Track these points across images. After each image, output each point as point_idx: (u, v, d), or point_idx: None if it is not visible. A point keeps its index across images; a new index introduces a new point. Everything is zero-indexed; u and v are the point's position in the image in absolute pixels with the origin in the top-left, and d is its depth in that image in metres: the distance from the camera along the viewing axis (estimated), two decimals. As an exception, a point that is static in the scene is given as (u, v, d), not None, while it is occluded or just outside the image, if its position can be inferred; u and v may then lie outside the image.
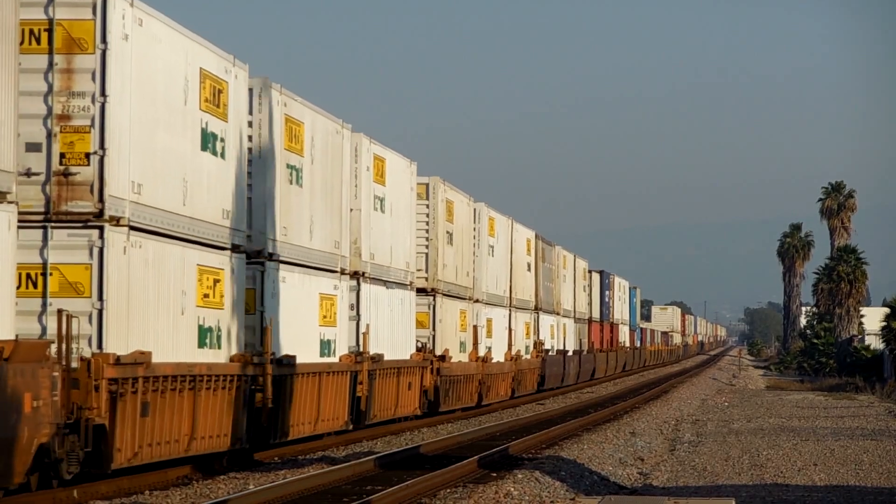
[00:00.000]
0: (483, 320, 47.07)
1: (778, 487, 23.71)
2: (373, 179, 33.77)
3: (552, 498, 21.27)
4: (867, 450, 31.10)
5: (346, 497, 20.94)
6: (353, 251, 32.41)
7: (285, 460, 27.23)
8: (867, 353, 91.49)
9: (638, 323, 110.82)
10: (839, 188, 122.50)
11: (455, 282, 42.42)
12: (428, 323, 40.01)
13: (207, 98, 23.54)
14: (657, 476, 25.71)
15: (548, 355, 60.24)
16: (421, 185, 39.58)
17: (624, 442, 32.97)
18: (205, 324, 23.34)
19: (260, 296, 26.22)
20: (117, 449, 20.03)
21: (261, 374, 25.31)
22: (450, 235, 41.57)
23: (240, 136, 25.09)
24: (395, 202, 35.69)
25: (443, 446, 30.31)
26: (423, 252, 39.84)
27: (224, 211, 24.25)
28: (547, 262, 62.42)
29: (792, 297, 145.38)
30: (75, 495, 20.03)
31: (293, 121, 27.76)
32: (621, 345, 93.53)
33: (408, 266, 36.81)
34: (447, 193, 41.28)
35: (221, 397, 23.72)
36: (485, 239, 47.86)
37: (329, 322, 29.87)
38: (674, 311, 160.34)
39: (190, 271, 22.81)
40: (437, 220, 40.19)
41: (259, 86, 26.32)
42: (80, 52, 20.13)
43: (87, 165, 20.08)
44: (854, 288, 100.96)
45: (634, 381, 79.74)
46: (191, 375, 22.37)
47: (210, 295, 23.55)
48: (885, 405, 52.58)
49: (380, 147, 34.38)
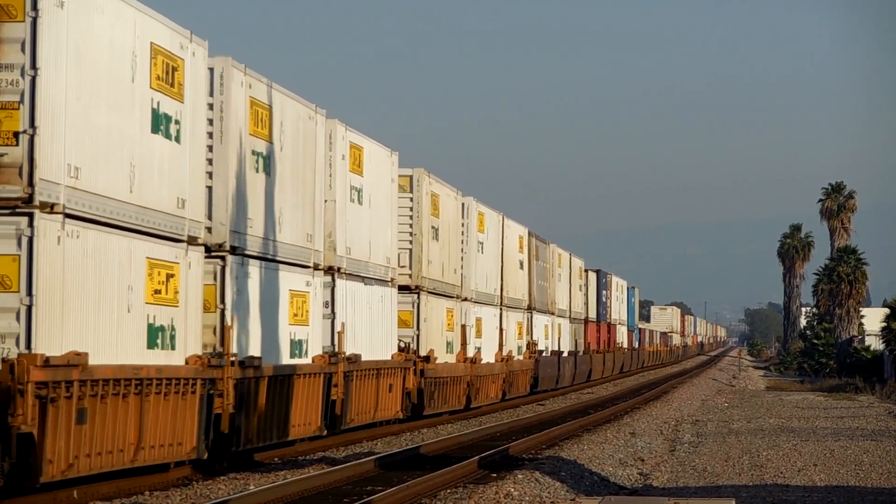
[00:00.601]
0: (472, 320, 44.97)
1: (778, 488, 23.63)
2: (349, 169, 31.57)
3: (552, 498, 21.25)
4: (867, 450, 30.97)
5: (347, 497, 20.96)
6: (328, 245, 30.46)
7: (285, 461, 26.86)
8: (867, 353, 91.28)
9: (636, 323, 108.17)
10: (839, 188, 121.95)
11: (441, 279, 40.33)
12: (412, 322, 37.87)
13: (159, 76, 21.52)
14: (657, 476, 25.65)
15: (541, 356, 58.00)
16: (403, 176, 37.42)
17: (624, 442, 32.77)
18: (156, 322, 21.35)
19: (221, 292, 24.23)
20: (48, 460, 18.02)
21: (221, 377, 23.34)
22: (435, 230, 39.40)
23: (198, 119, 23.09)
24: (375, 194, 33.64)
25: (443, 447, 30.15)
26: (407, 248, 37.68)
27: (179, 200, 22.27)
28: (541, 260, 60.06)
29: (792, 297, 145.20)
30: (75, 495, 19.38)
31: (259, 104, 25.78)
32: (619, 346, 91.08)
33: (388, 261, 34.73)
34: (432, 186, 39.15)
35: (175, 403, 21.74)
36: (474, 235, 45.56)
37: (301, 321, 27.92)
38: (673, 311, 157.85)
39: (138, 265, 20.81)
40: (421, 213, 37.98)
41: (221, 65, 24.34)
42: (8, 21, 18.09)
43: (15, 146, 18.04)
44: (854, 288, 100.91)
45: (634, 382, 79.02)
46: (137, 379, 20.33)
47: (162, 291, 21.58)
48: (885, 406, 52.44)
49: (357, 135, 32.32)
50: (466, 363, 42.94)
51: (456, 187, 42.80)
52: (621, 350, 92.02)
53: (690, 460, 28.77)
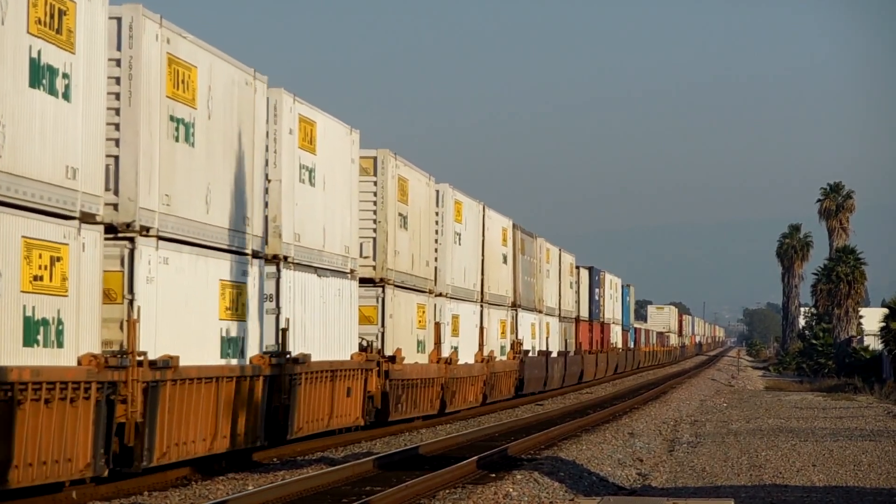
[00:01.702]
0: (448, 317, 41.24)
1: (777, 488, 23.68)
2: (298, 145, 27.90)
3: (551, 499, 21.29)
4: (866, 450, 31.03)
5: (346, 498, 20.92)
6: (272, 230, 26.81)
7: (284, 461, 26.59)
8: (866, 353, 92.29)
9: (631, 323, 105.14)
10: (838, 189, 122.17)
11: (411, 272, 36.58)
12: (376, 318, 34.10)
13: (40, 19, 17.91)
14: (656, 477, 25.70)
15: (527, 356, 54.02)
16: (366, 158, 33.76)
17: (623, 443, 32.80)
18: (35, 315, 17.75)
19: (129, 280, 20.64)
20: None
21: (124, 379, 19.76)
22: (403, 218, 35.75)
23: (96, 74, 19.49)
24: (331, 175, 29.90)
25: (442, 447, 30.09)
26: (370, 236, 34.07)
27: (69, 169, 18.67)
28: (527, 254, 56.20)
29: (791, 297, 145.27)
30: (74, 496, 18.78)
31: (180, 63, 22.18)
32: (613, 346, 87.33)
33: (347, 251, 31.02)
34: (400, 170, 35.34)
35: (61, 412, 18.18)
36: (450, 225, 41.75)
37: (236, 316, 24.31)
38: (670, 310, 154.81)
39: (10, 245, 17.23)
40: (386, 199, 34.32)
41: (130, 14, 20.76)
42: None
43: None
44: (853, 289, 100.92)
45: (633, 382, 78.30)
46: (6, 383, 16.81)
47: (45, 278, 18.00)
48: (883, 406, 52.51)
49: (308, 107, 28.62)
50: (440, 364, 39.28)
51: (428, 172, 39.20)
52: (615, 350, 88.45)
53: (689, 460, 28.76)
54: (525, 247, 55.74)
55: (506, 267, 51.29)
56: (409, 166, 36.55)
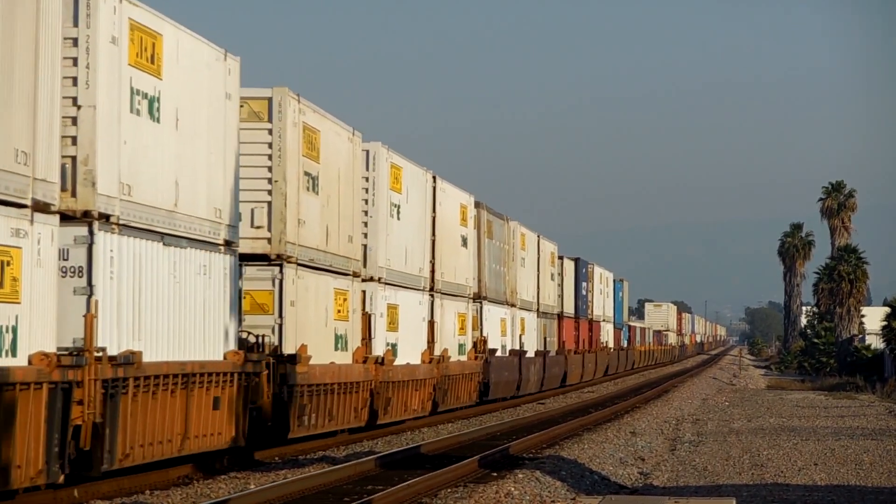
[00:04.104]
0: (382, 307, 33.94)
1: (778, 487, 23.66)
2: (129, 62, 20.58)
3: (553, 498, 21.25)
4: (868, 449, 31.01)
5: (347, 497, 20.77)
6: (82, 178, 19.64)
7: (286, 460, 26.41)
8: (868, 352, 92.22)
9: (625, 320, 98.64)
10: (839, 188, 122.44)
11: (325, 248, 29.51)
12: (272, 307, 26.97)
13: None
14: (658, 476, 25.66)
15: (494, 356, 46.68)
16: (258, 99, 26.98)
17: (624, 442, 32.78)
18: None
19: None
20: None
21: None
22: (312, 178, 28.56)
23: None
24: (189, 111, 22.67)
25: (443, 446, 29.87)
26: (264, 200, 27.04)
27: None
28: (496, 239, 48.93)
29: (792, 296, 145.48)
30: (75, 495, 18.47)
31: None
32: (603, 345, 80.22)
33: (219, 215, 23.76)
34: (305, 116, 27.93)
35: None
36: (384, 194, 34.20)
37: (8, 297, 17.37)
38: (669, 308, 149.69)
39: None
40: (285, 152, 27.14)
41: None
42: None
43: None
44: (854, 287, 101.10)
45: (634, 381, 77.88)
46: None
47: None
48: (885, 405, 52.52)
49: (147, 11, 21.19)
50: (369, 364, 32.24)
51: (352, 126, 31.65)
52: (605, 350, 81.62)
53: (691, 459, 28.65)
54: (493, 230, 48.59)
55: (465, 251, 43.75)
56: (320, 114, 29.35)
